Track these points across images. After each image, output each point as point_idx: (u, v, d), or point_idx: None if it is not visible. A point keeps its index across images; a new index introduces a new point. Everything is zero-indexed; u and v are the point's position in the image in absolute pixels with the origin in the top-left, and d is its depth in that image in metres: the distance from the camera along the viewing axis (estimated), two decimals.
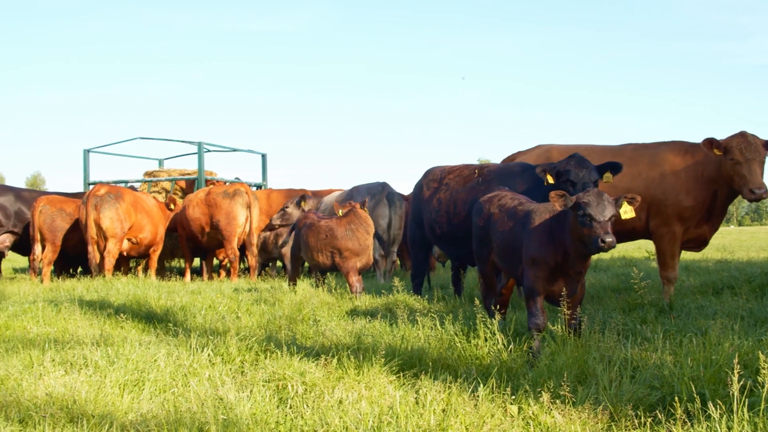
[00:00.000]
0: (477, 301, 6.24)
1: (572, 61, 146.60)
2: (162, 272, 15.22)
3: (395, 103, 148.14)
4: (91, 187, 15.81)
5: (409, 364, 5.06)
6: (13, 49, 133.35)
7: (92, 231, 12.95)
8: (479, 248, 6.64)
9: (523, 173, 8.17)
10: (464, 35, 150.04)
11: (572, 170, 7.20)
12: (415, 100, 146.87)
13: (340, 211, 9.64)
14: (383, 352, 4.97)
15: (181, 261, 16.15)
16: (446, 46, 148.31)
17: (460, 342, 5.37)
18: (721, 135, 7.91)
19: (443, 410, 4.08)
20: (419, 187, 9.48)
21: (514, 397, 4.24)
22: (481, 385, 4.34)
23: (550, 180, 7.30)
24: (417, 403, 4.19)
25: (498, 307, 6.47)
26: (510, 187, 7.30)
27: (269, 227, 14.35)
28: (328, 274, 10.00)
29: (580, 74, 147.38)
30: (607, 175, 7.40)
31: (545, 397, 4.08)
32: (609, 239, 5.16)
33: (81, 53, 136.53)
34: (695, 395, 3.92)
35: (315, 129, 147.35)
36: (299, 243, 9.92)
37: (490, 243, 6.37)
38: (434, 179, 9.21)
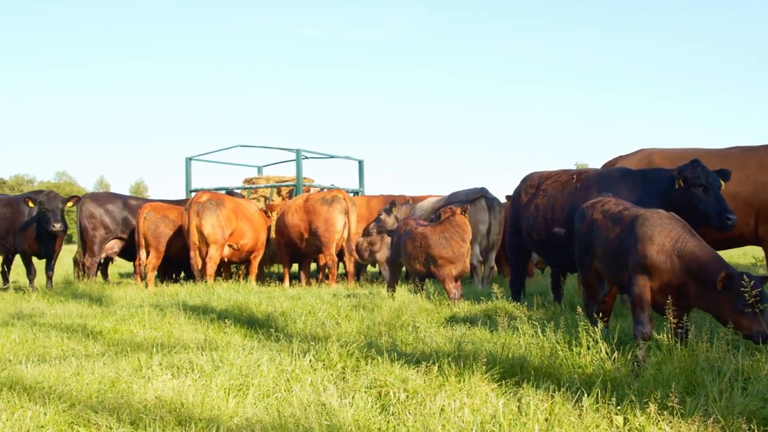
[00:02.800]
0: (579, 309, 6.14)
1: (675, 63, 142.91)
2: (262, 278, 15.50)
3: (493, 107, 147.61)
4: (193, 194, 16.20)
5: (511, 372, 5.00)
6: (125, 60, 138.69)
7: (194, 237, 13.30)
8: (581, 255, 6.50)
9: (623, 178, 7.98)
10: (559, 39, 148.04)
11: (702, 176, 7.09)
12: (513, 105, 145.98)
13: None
14: (484, 360, 4.92)
15: (280, 266, 16.39)
16: (542, 51, 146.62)
17: (562, 350, 5.26)
18: None
19: (546, 419, 4.03)
20: (517, 193, 9.39)
21: (619, 407, 4.13)
22: (585, 395, 4.26)
23: (681, 184, 7.19)
24: (519, 411, 4.14)
25: (600, 315, 6.35)
26: (610, 192, 7.17)
27: (364, 234, 14.47)
28: (427, 280, 9.98)
29: (684, 77, 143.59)
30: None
31: (652, 408, 3.96)
32: None
33: (183, 59, 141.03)
34: None
35: (412, 134, 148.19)
36: (398, 249, 9.94)
37: (593, 250, 6.23)
38: (532, 185, 9.11)
